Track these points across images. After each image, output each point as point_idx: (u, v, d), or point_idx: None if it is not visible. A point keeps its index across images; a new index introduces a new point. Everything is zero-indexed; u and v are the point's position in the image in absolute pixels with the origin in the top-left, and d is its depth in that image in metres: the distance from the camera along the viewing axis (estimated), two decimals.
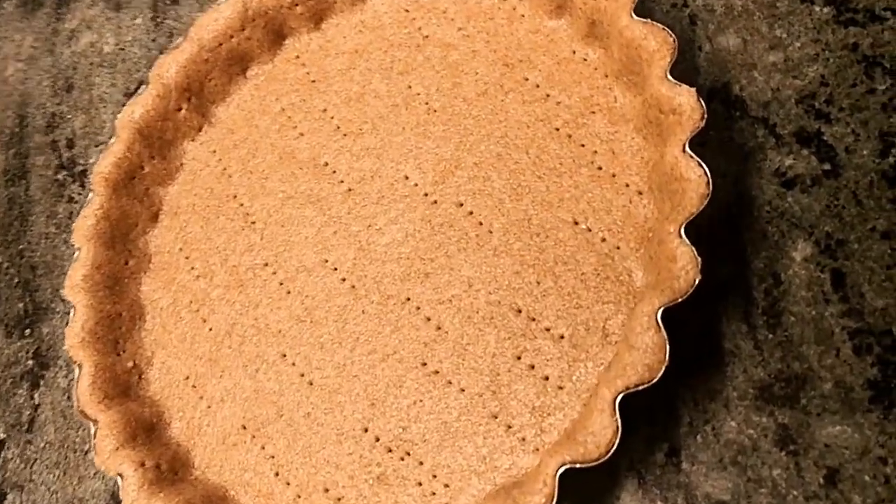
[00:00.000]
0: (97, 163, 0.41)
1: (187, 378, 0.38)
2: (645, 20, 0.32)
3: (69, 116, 0.52)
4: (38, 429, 0.43)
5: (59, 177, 0.50)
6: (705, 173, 0.28)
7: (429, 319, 0.34)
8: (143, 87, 0.42)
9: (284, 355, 0.36)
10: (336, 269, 0.37)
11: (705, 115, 0.28)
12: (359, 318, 0.35)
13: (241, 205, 0.41)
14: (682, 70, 0.34)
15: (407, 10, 0.41)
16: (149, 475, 0.34)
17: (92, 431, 0.35)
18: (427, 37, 0.40)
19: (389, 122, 0.39)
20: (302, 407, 0.35)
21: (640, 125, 0.32)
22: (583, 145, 0.34)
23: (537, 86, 0.36)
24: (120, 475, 0.34)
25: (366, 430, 0.33)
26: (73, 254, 0.40)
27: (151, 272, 0.41)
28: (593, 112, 0.34)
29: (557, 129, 0.35)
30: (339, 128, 0.40)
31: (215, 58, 0.42)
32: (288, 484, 0.33)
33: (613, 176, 0.33)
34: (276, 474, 0.33)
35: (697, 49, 0.35)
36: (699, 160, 0.28)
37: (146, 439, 0.36)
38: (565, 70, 0.36)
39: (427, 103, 0.38)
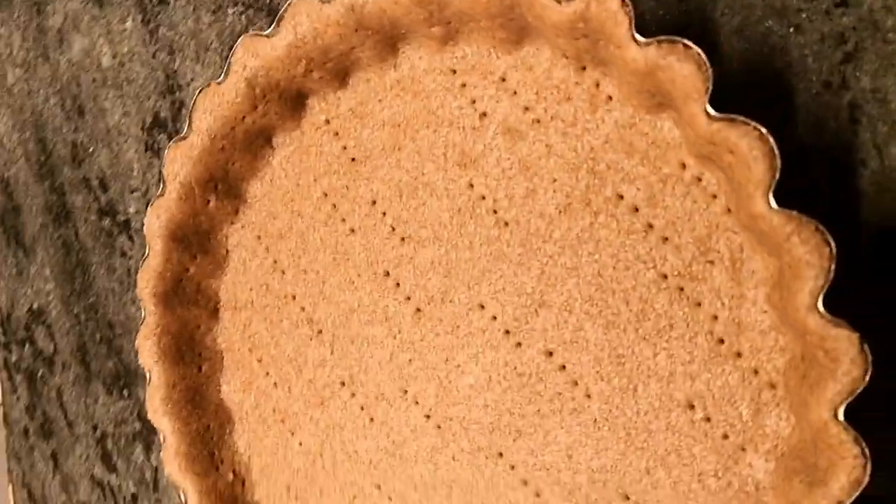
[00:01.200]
0: (139, 277, 0.37)
1: (288, 489, 0.38)
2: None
3: (91, 149, 0.47)
4: (163, 490, 0.46)
5: (105, 224, 0.47)
6: (863, 454, 0.22)
7: (525, 483, 0.31)
8: (162, 185, 0.36)
9: (379, 487, 0.35)
10: (418, 402, 0.34)
11: (868, 373, 0.21)
12: (450, 465, 0.33)
13: (303, 309, 0.37)
14: (837, 199, 0.25)
15: (454, 72, 0.31)
16: None
17: None
18: (484, 115, 0.31)
19: (453, 232, 0.32)
20: None
21: (774, 296, 0.25)
22: (699, 304, 0.27)
23: (636, 209, 0.28)
24: None
25: None
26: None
27: (227, 371, 0.40)
28: (712, 262, 0.27)
29: (665, 277, 0.28)
30: (394, 229, 0.34)
31: (231, 143, 0.35)
32: None
33: (738, 355, 0.27)
34: None
35: (860, 163, 0.25)
36: (857, 437, 0.21)
37: None
38: (673, 192, 0.27)
39: (496, 212, 0.31)
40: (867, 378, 0.21)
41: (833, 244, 0.22)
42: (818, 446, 0.23)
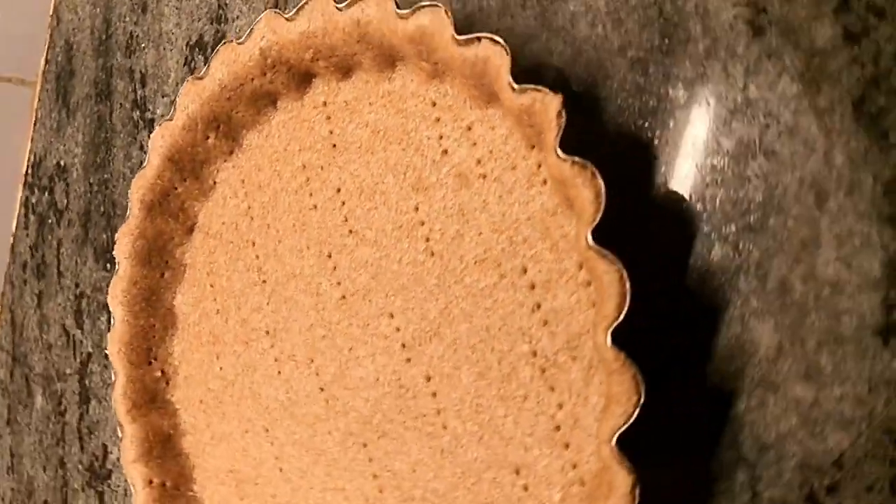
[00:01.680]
0: (133, 182, 0.42)
1: (201, 402, 0.43)
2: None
3: (143, 45, 0.51)
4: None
5: (134, 116, 0.51)
6: None
7: (375, 477, 0.35)
8: (173, 110, 0.40)
9: (267, 430, 0.40)
10: (318, 374, 0.38)
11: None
12: (325, 437, 0.37)
13: (257, 257, 0.41)
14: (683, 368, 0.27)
15: (434, 104, 0.34)
16: (154, 493, 0.41)
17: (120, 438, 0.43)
18: (446, 152, 0.33)
19: (390, 243, 0.35)
20: (273, 486, 0.39)
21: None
22: (552, 389, 0.30)
23: (532, 286, 0.31)
24: (133, 485, 0.41)
25: None
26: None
27: (185, 284, 0.44)
28: (574, 358, 0.29)
29: (535, 355, 0.30)
30: (346, 220, 0.37)
31: (238, 96, 0.39)
32: None
33: (566, 446, 0.29)
34: None
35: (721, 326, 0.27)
36: None
37: (161, 452, 0.43)
38: (565, 286, 0.30)
39: (428, 240, 0.34)
40: None
41: (643, 388, 0.24)
42: None
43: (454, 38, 0.30)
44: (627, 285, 0.24)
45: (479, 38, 0.29)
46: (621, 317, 0.24)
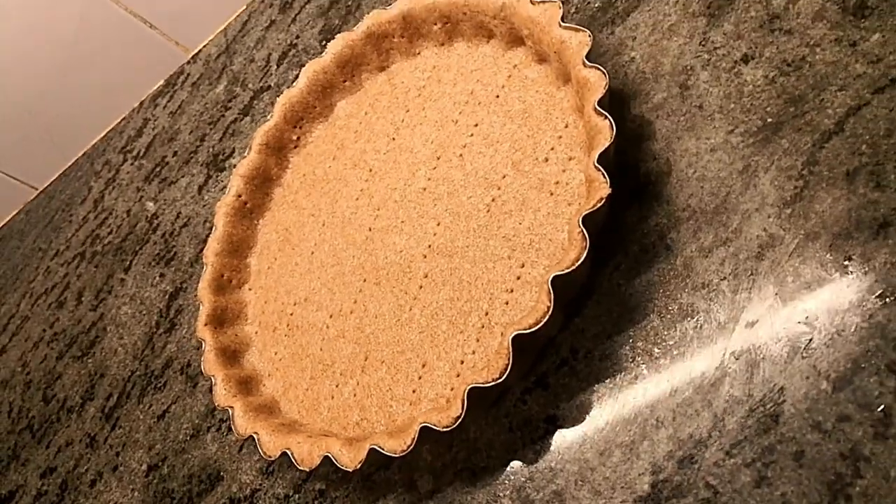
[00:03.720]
0: (258, 130, 0.59)
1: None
2: None
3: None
4: None
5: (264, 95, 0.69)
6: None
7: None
8: (296, 79, 0.58)
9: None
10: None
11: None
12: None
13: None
14: None
15: (515, 66, 0.48)
16: (231, 385, 0.51)
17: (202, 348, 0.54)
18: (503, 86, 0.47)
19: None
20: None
21: None
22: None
23: (546, 160, 0.43)
24: (213, 376, 0.52)
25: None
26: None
27: (272, 210, 0.59)
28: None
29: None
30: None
31: (344, 68, 0.56)
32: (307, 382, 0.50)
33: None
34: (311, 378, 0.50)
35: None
36: None
37: (235, 358, 0.53)
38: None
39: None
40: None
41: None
42: None
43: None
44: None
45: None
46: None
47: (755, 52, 0.37)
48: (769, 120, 0.35)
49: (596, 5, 0.46)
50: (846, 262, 0.31)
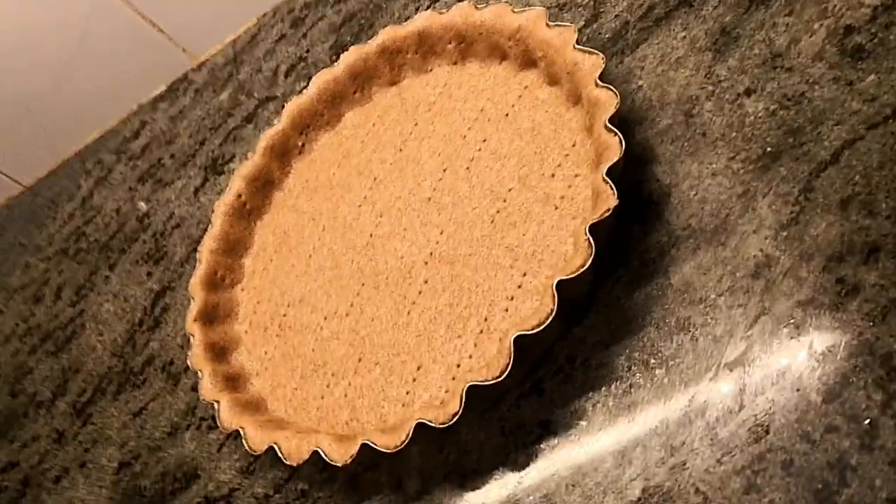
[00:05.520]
0: (262, 136, 0.59)
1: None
2: None
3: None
4: None
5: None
6: None
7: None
8: (307, 86, 0.59)
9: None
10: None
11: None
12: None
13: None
14: None
15: (526, 87, 0.50)
16: (218, 380, 0.51)
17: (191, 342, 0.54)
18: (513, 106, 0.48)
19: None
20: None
21: None
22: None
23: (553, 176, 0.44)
24: (200, 371, 0.51)
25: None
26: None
27: (272, 210, 0.59)
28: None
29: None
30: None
31: (355, 78, 0.57)
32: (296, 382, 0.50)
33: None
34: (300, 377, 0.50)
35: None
36: None
37: (222, 355, 0.53)
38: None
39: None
40: None
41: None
42: None
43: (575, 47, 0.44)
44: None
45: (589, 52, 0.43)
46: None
47: (757, 87, 0.40)
48: (769, 149, 0.37)
49: (607, 36, 0.48)
50: (838, 283, 0.32)
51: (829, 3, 0.40)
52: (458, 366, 0.41)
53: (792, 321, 0.33)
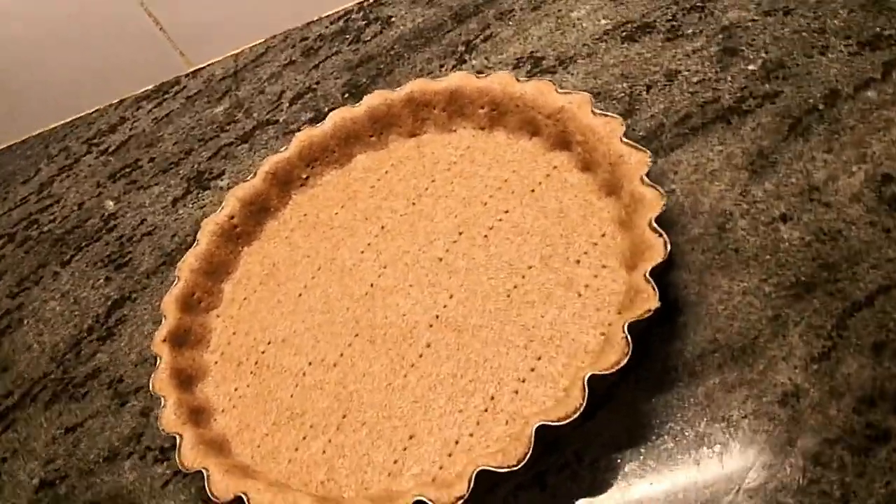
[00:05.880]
0: (267, 160, 0.57)
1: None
2: None
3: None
4: None
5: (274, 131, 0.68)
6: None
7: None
8: (316, 124, 0.57)
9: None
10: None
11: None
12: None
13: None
14: None
15: (555, 167, 0.50)
16: (183, 411, 0.46)
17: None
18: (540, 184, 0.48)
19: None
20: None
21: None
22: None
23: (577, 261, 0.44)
24: (164, 398, 0.47)
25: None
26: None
27: (261, 241, 0.56)
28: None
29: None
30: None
31: (374, 124, 0.56)
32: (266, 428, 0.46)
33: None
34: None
35: None
36: None
37: (187, 384, 0.48)
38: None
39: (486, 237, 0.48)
40: None
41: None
42: None
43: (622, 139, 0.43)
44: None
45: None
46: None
47: (793, 215, 0.40)
48: (802, 279, 0.38)
49: (640, 133, 0.49)
50: (868, 428, 0.33)
51: (869, 150, 0.41)
52: (457, 442, 0.39)
53: (821, 458, 0.33)
